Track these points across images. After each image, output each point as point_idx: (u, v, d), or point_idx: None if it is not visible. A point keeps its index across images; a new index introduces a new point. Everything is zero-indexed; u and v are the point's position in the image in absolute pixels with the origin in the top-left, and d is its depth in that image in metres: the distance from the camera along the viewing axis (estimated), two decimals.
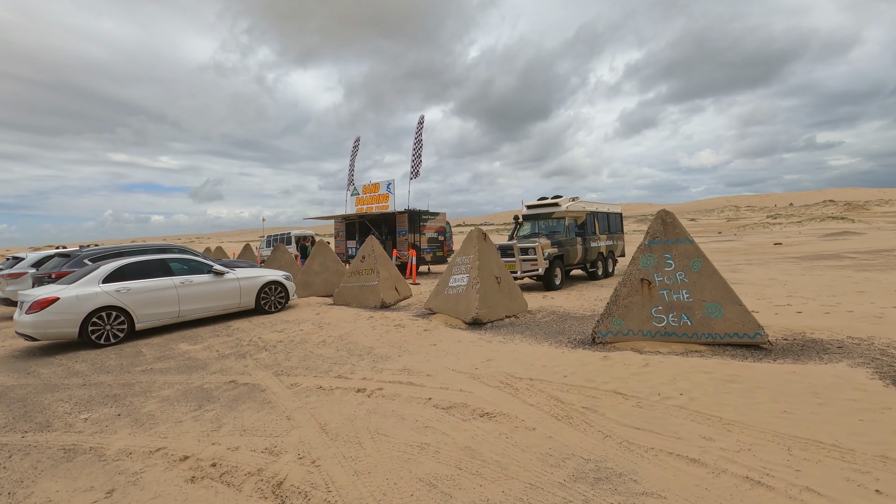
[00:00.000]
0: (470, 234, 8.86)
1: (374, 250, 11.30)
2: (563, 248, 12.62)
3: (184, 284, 9.07)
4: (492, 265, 8.73)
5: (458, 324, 8.04)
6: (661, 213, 6.50)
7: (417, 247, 19.23)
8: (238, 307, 9.92)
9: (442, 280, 9.15)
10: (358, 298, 11.10)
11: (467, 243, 8.86)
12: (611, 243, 15.52)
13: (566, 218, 13.22)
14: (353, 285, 11.32)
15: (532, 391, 4.52)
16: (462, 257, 8.82)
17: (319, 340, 7.43)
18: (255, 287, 10.16)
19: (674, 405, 3.93)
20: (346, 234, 22.34)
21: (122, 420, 4.67)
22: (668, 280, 6.17)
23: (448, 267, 9.11)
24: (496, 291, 8.49)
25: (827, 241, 31.93)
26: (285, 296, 10.67)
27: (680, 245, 6.24)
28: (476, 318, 7.83)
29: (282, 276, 10.77)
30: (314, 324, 8.81)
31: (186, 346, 7.75)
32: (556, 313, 8.88)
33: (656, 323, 6.08)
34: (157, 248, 11.87)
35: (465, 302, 8.18)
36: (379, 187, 20.93)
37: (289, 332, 8.24)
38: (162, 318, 8.79)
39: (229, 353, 7.11)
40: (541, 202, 13.77)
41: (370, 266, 11.14)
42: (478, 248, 8.56)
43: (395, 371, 5.58)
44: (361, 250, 11.58)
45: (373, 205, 21.11)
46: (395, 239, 19.98)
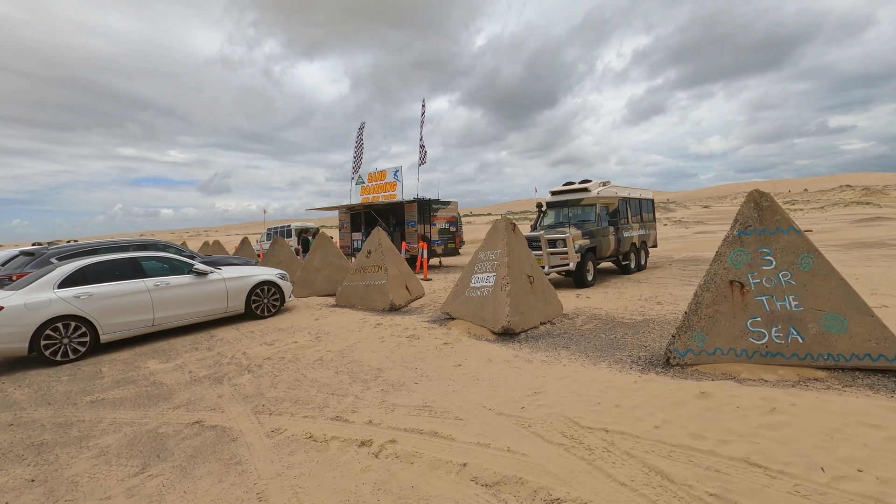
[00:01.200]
0: (496, 224, 7.40)
1: (381, 244, 9.88)
2: (595, 240, 11.12)
3: (159, 288, 7.70)
4: (523, 262, 7.27)
5: (483, 333, 6.62)
6: (755, 193, 4.99)
7: (428, 238, 17.79)
8: (225, 312, 8.56)
9: (462, 280, 7.72)
10: (363, 299, 9.71)
11: (493, 236, 7.40)
12: (643, 233, 13.98)
13: (597, 205, 11.70)
14: (358, 284, 9.93)
15: (615, 455, 3.09)
16: (486, 252, 7.36)
17: (316, 358, 6.04)
18: (245, 289, 8.78)
19: (859, 493, 2.48)
20: (351, 225, 20.94)
21: (33, 493, 3.31)
22: (767, 282, 4.68)
23: (469, 264, 7.67)
24: (529, 293, 7.05)
25: (862, 228, 30.04)
26: (280, 298, 9.29)
27: (783, 236, 4.75)
28: (507, 327, 6.40)
29: (276, 275, 9.39)
30: (311, 333, 7.43)
31: (156, 363, 6.40)
32: (598, 318, 7.42)
33: (754, 339, 4.61)
34: (137, 245, 10.53)
35: (493, 307, 6.74)
36: (386, 175, 19.46)
37: (280, 344, 6.86)
38: (133, 327, 7.44)
39: (204, 375, 5.74)
40: (567, 188, 12.24)
41: (377, 262, 9.72)
42: (506, 242, 7.10)
43: (412, 409, 4.17)
44: (367, 244, 10.17)
45: (379, 194, 19.66)
46: (403, 230, 18.55)
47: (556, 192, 12.45)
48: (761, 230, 4.82)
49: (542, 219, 12.46)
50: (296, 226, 25.92)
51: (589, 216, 11.65)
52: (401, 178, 18.96)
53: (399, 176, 19.04)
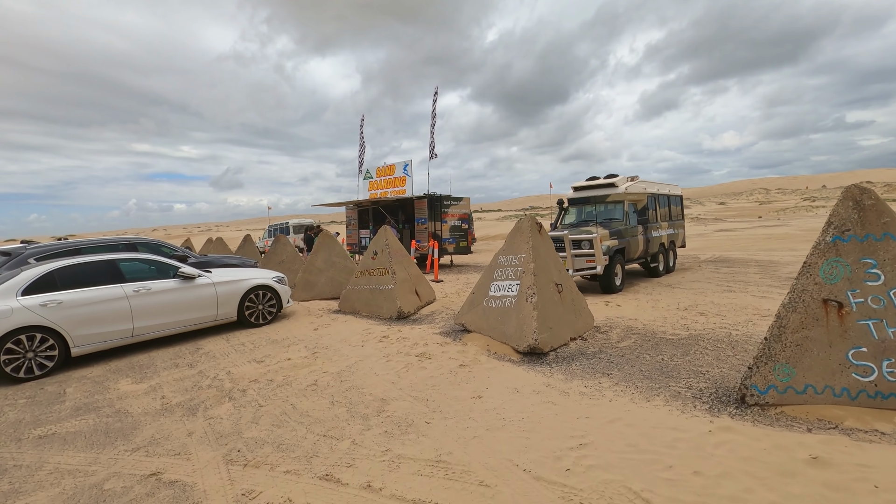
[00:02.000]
0: (519, 225, 6.45)
1: (389, 244, 8.97)
2: (624, 240, 10.12)
3: (139, 294, 6.87)
4: (550, 268, 6.32)
5: (506, 352, 5.68)
6: (854, 189, 3.99)
7: (439, 236, 16.87)
8: (215, 320, 7.71)
9: (479, 287, 6.78)
10: (369, 305, 8.81)
11: (516, 238, 6.44)
12: (672, 232, 12.93)
13: (625, 202, 10.68)
14: (363, 289, 9.03)
15: None
16: (508, 257, 6.42)
17: (310, 381, 5.14)
18: (237, 294, 7.93)
19: None
20: (358, 222, 20.09)
21: None
22: (874, 303, 3.69)
23: (487, 269, 6.73)
24: (557, 304, 6.09)
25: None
26: (277, 304, 8.43)
27: (893, 244, 3.75)
28: (534, 346, 5.45)
29: (272, 278, 8.52)
30: (308, 347, 6.55)
31: (128, 384, 5.55)
32: (636, 332, 6.45)
33: (858, 376, 3.62)
34: (126, 244, 9.73)
35: (517, 321, 5.80)
36: (394, 169, 18.55)
37: (271, 361, 5.98)
38: (109, 339, 6.62)
39: (179, 402, 4.88)
40: (592, 182, 11.22)
41: (383, 265, 8.82)
42: (531, 245, 6.15)
43: (423, 465, 3.25)
44: (373, 244, 9.26)
45: (388, 189, 18.77)
46: (413, 228, 17.65)
47: (579, 188, 11.44)
48: (864, 235, 3.82)
49: (562, 217, 11.47)
50: (294, 223, 25.04)
51: (616, 214, 10.64)
52: (410, 172, 18.04)
53: (409, 170, 18.12)
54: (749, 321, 6.78)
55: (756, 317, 7.00)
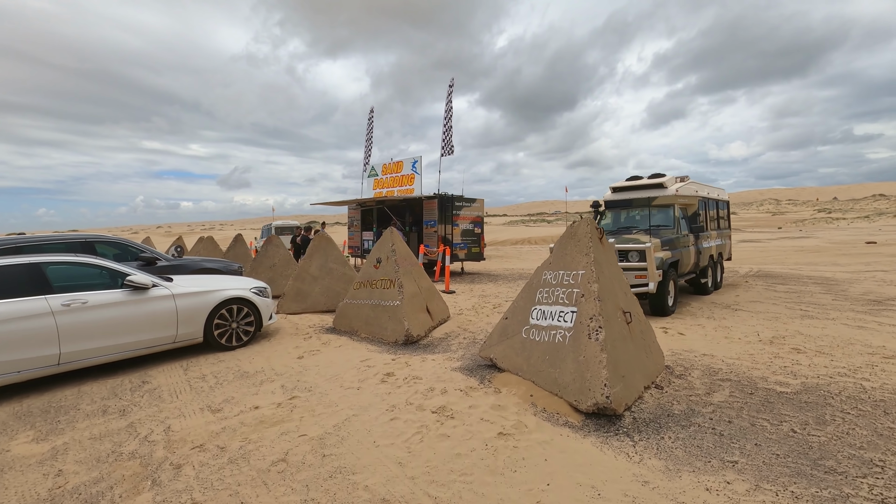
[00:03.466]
0: (574, 230, 4.79)
1: (396, 250, 7.34)
2: (677, 251, 8.46)
3: (71, 309, 5.26)
4: (616, 290, 4.67)
5: (560, 408, 4.02)
6: None
7: (449, 241, 15.25)
8: (173, 342, 6.09)
9: (514, 310, 5.14)
10: (369, 324, 7.17)
11: (569, 247, 4.78)
12: (720, 242, 11.26)
13: (675, 206, 9.02)
14: (364, 303, 7.40)
15: None
16: (557, 273, 4.75)
17: (277, 456, 3.48)
18: (205, 309, 6.30)
19: None
20: (361, 223, 18.49)
21: None
22: None
23: (527, 290, 5.08)
24: (627, 341, 4.44)
25: None
26: (256, 321, 6.79)
27: None
28: (605, 405, 3.79)
29: (252, 289, 6.89)
30: (286, 388, 4.91)
31: (24, 442, 3.93)
32: (726, 378, 4.80)
33: None
34: (83, 242, 8.15)
35: (575, 364, 4.14)
36: (402, 166, 16.95)
37: (232, 411, 4.34)
38: (26, 368, 5.00)
39: (78, 483, 3.25)
40: (635, 182, 9.56)
41: (388, 276, 7.18)
42: (593, 259, 4.48)
43: None
44: (376, 249, 7.63)
45: (394, 188, 17.16)
46: (421, 231, 16.03)
47: (619, 189, 9.77)
48: None
49: (598, 222, 9.81)
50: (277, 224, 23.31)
51: (665, 220, 8.97)
52: (420, 170, 16.44)
53: (418, 168, 16.52)
54: (873, 365, 5.11)
55: (878, 358, 5.32)
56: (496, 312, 8.76)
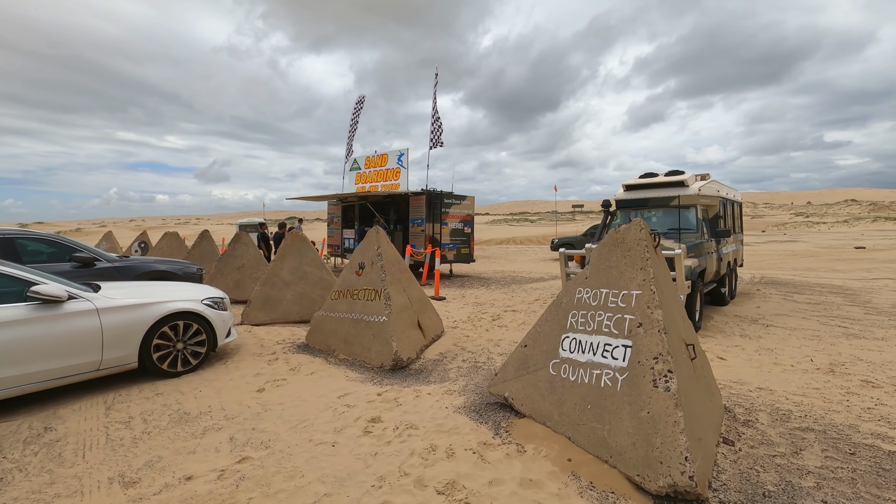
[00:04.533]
0: (622, 235, 3.65)
1: (382, 254, 6.13)
2: (702, 259, 7.45)
3: None
4: (675, 315, 3.57)
5: (613, 482, 2.90)
6: None
7: (437, 241, 14.09)
8: (97, 370, 4.76)
9: (536, 337, 4.00)
10: (349, 344, 5.95)
11: (615, 257, 3.63)
12: (736, 248, 10.35)
13: (697, 207, 8.02)
14: (344, 317, 6.17)
15: None
16: (599, 293, 3.61)
17: None
18: (142, 326, 4.99)
19: None
20: (342, 220, 17.17)
21: None
22: None
23: (554, 309, 3.94)
24: (694, 384, 3.34)
25: None
26: (209, 339, 5.50)
27: None
28: (687, 487, 2.68)
29: (204, 299, 5.59)
30: (235, 440, 3.67)
31: None
32: (806, 427, 3.75)
33: None
34: (4, 238, 6.74)
35: (635, 423, 3.01)
36: (387, 159, 15.70)
37: (153, 482, 3.09)
38: None
39: None
40: (652, 180, 8.52)
41: (373, 285, 5.97)
42: (652, 276, 3.36)
43: None
44: (358, 252, 6.40)
45: (378, 182, 15.90)
46: (407, 229, 14.82)
47: (634, 187, 8.72)
48: None
49: (609, 224, 8.76)
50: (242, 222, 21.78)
51: (688, 223, 7.95)
52: (406, 164, 15.22)
53: (404, 161, 15.29)
54: None
55: None
56: (496, 326, 7.63)
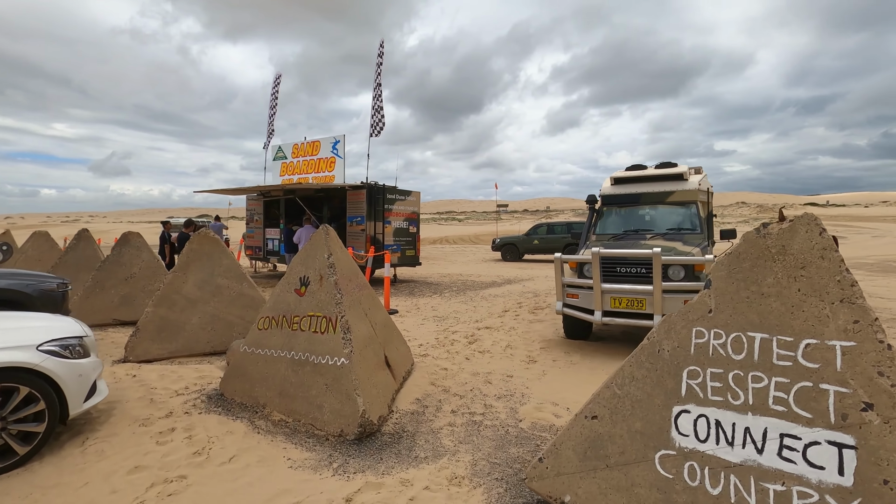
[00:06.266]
0: (780, 239, 2.23)
1: (336, 264, 4.29)
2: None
3: None
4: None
5: None
6: None
7: (380, 242, 12.28)
8: None
9: (615, 406, 2.47)
10: (288, 398, 4.06)
11: (778, 278, 2.19)
12: None
13: (697, 203, 6.99)
14: (280, 356, 4.25)
15: None
16: (751, 338, 2.16)
17: None
18: None
19: None
20: (264, 217, 14.73)
21: None
22: None
23: (650, 361, 2.44)
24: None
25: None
26: (51, 410, 3.37)
27: None
28: None
29: (43, 343, 3.43)
30: None
31: None
32: None
33: None
34: None
35: None
36: (319, 147, 13.56)
37: None
38: None
39: None
40: (646, 172, 7.38)
41: (325, 310, 4.11)
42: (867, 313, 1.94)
43: None
44: (300, 262, 4.49)
45: (308, 174, 13.72)
46: (343, 229, 12.82)
47: (623, 180, 7.51)
48: None
49: (595, 223, 7.51)
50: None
51: (688, 222, 6.87)
52: (342, 153, 13.19)
53: (340, 150, 13.25)
54: None
55: None
56: (476, 352, 6.05)
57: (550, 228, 21.40)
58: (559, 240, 20.43)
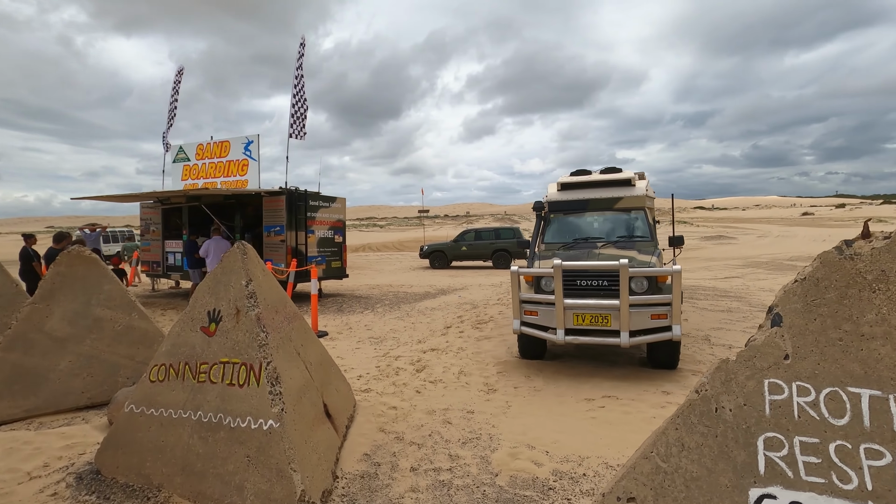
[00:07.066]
0: (877, 260, 1.73)
1: (258, 292, 3.33)
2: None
3: None
4: None
5: None
6: None
7: (302, 253, 11.11)
8: None
9: (659, 483, 1.85)
10: (195, 476, 3.03)
11: (885, 312, 1.69)
12: None
13: (645, 210, 6.78)
14: (182, 417, 3.19)
15: None
16: (856, 396, 1.63)
17: None
18: None
19: None
20: (163, 227, 12.84)
21: None
22: None
23: (702, 420, 1.85)
24: None
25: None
26: None
27: None
28: None
29: None
30: None
31: None
32: None
33: None
34: None
35: None
36: (229, 148, 12.04)
37: None
38: None
39: None
40: (593, 177, 7.05)
41: (242, 352, 3.14)
42: None
43: None
44: (207, 288, 3.46)
45: (217, 178, 12.13)
46: (260, 240, 11.44)
47: (570, 185, 7.13)
48: None
49: (542, 232, 7.06)
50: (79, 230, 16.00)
51: (638, 229, 6.62)
52: (257, 155, 11.80)
53: (253, 152, 11.85)
54: None
55: None
56: (428, 382, 5.27)
57: (478, 234, 21.17)
58: (487, 246, 20.24)
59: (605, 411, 4.32)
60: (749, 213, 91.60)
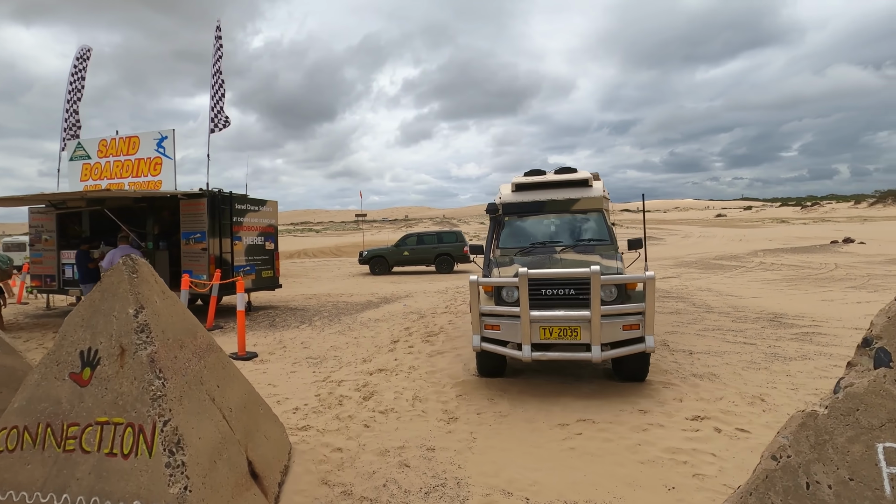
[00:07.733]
0: None
1: (150, 321, 2.49)
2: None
3: None
4: None
5: None
6: None
7: (228, 262, 9.94)
8: None
9: None
10: None
11: None
12: None
13: (603, 212, 6.45)
14: (39, 502, 2.29)
15: None
16: None
17: None
18: None
19: None
20: (58, 235, 11.06)
21: None
22: None
23: None
24: None
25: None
26: None
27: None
28: None
29: None
30: None
31: None
32: None
33: None
34: None
35: None
36: (139, 145, 10.56)
37: None
38: None
39: None
40: (549, 178, 6.62)
41: (125, 408, 2.29)
42: None
43: None
44: (78, 322, 2.56)
45: (124, 179, 10.61)
46: (177, 248, 10.09)
47: (525, 186, 6.66)
48: None
49: (497, 236, 6.54)
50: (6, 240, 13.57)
51: (597, 232, 6.25)
52: (172, 153, 10.44)
53: (167, 149, 10.47)
54: None
55: None
56: (378, 413, 4.54)
57: (420, 238, 20.55)
58: (430, 250, 19.67)
59: (583, 439, 3.82)
60: (670, 216, 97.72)
